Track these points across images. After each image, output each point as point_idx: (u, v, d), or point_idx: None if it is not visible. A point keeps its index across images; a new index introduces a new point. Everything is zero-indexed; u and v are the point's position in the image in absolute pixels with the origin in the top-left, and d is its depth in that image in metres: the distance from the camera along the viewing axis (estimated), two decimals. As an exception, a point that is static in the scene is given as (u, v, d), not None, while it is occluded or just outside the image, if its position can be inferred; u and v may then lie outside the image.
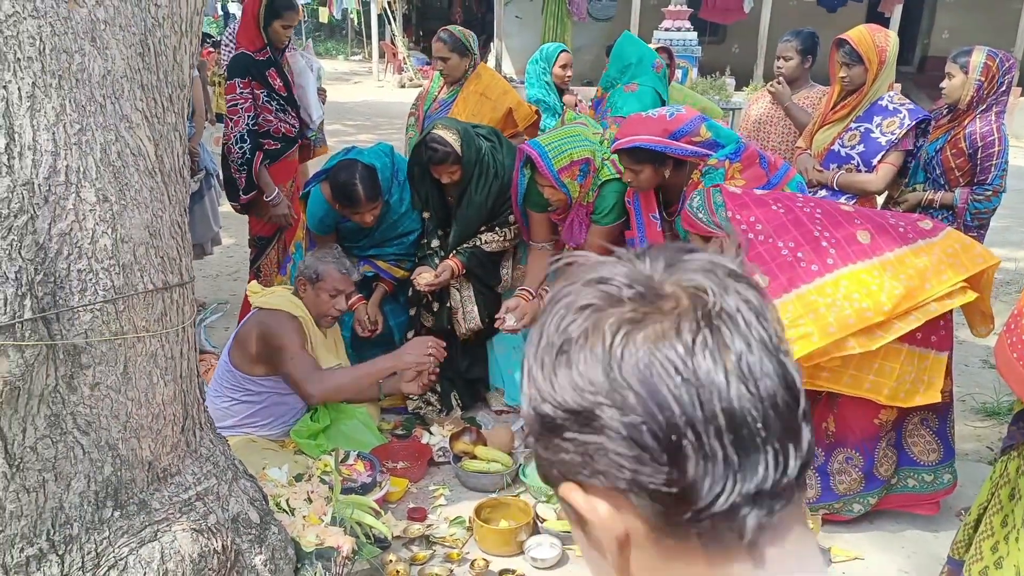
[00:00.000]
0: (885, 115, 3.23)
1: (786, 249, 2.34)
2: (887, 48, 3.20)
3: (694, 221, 2.50)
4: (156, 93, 1.75)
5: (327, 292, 2.79)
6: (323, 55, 23.68)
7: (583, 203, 3.09)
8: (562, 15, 14.48)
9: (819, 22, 12.17)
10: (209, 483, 1.86)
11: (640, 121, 2.70)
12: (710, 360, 0.50)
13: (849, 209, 2.53)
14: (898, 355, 2.35)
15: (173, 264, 1.76)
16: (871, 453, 2.56)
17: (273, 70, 3.63)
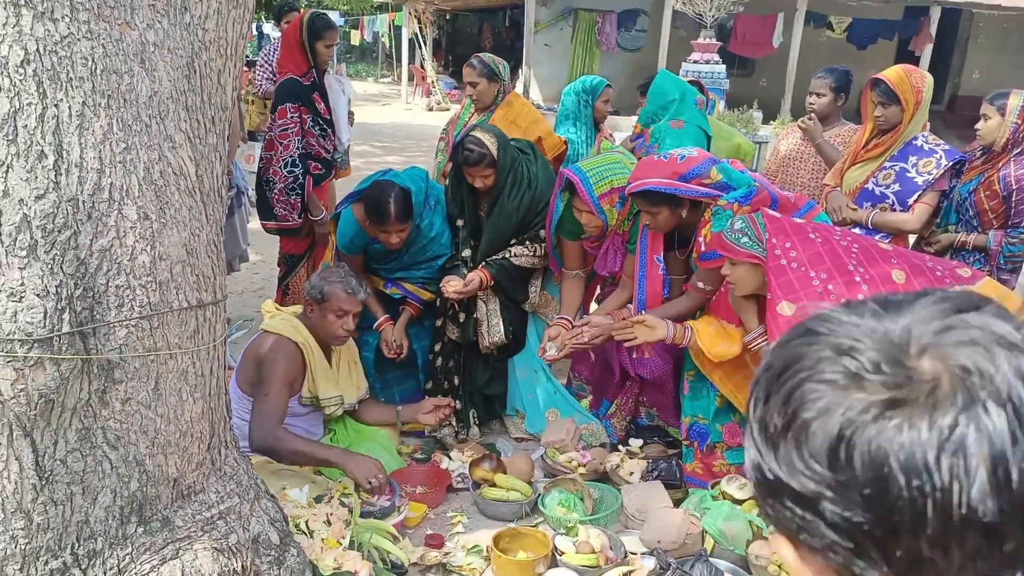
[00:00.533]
0: (921, 155, 3.21)
1: (817, 280, 2.33)
2: (923, 89, 3.20)
3: (730, 245, 2.48)
4: (199, 114, 1.79)
5: (333, 313, 2.74)
6: (353, 77, 24.07)
7: (619, 231, 3.10)
8: (591, 44, 14.64)
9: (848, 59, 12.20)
10: (232, 502, 1.86)
11: (652, 164, 2.75)
12: (961, 463, 0.42)
13: (887, 248, 2.51)
14: None
15: (207, 282, 1.78)
16: None
17: (317, 94, 3.75)
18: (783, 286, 2.36)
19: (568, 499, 2.75)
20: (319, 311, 2.75)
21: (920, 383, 0.44)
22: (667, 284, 2.99)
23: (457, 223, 3.27)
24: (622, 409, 3.39)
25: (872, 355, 0.46)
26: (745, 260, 2.48)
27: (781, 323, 2.32)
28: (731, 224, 2.53)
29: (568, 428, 3.17)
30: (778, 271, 2.38)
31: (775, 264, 2.38)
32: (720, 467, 2.98)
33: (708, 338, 2.75)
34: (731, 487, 2.76)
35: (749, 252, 2.45)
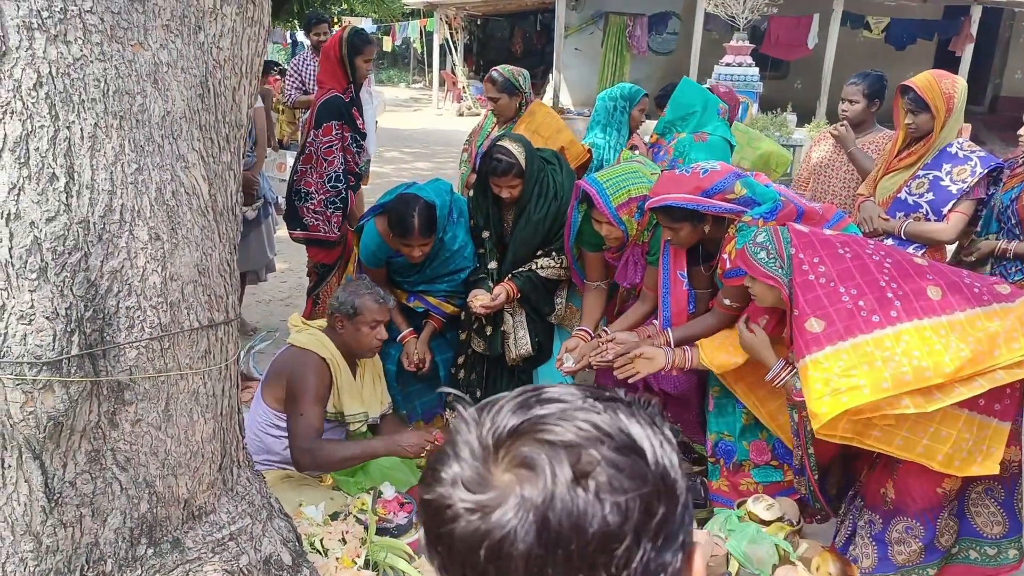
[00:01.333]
0: (955, 162, 3.11)
1: (847, 296, 2.24)
2: (955, 95, 3.09)
3: (751, 261, 2.42)
4: (213, 133, 1.78)
5: (367, 325, 2.73)
6: (385, 82, 24.27)
7: (638, 242, 3.04)
8: (622, 49, 14.54)
9: (886, 60, 11.94)
10: (243, 522, 1.85)
11: (673, 179, 2.69)
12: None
13: (922, 262, 2.41)
14: (956, 421, 2.21)
15: (220, 302, 1.77)
16: (933, 524, 2.41)
17: (356, 109, 3.80)
18: (811, 302, 2.27)
19: (589, 518, 2.70)
20: (351, 325, 2.73)
21: (493, 487, 0.59)
22: (692, 299, 2.92)
23: (483, 235, 3.24)
24: (646, 424, 3.32)
25: (466, 469, 0.61)
26: (760, 280, 2.41)
27: (809, 340, 2.24)
28: (754, 236, 2.46)
29: (590, 444, 3.11)
30: (806, 287, 2.30)
31: (803, 279, 2.30)
32: (747, 486, 2.90)
33: (710, 350, 2.69)
34: (758, 507, 2.68)
35: (765, 272, 2.38)
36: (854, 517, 2.58)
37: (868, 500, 2.51)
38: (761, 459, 2.87)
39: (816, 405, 2.17)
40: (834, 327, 2.21)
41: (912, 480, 2.38)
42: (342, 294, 2.80)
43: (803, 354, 2.23)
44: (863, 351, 2.16)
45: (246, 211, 4.20)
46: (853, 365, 2.15)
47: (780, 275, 2.35)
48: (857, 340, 2.18)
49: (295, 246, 4.29)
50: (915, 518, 2.41)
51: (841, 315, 2.22)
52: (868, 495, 2.52)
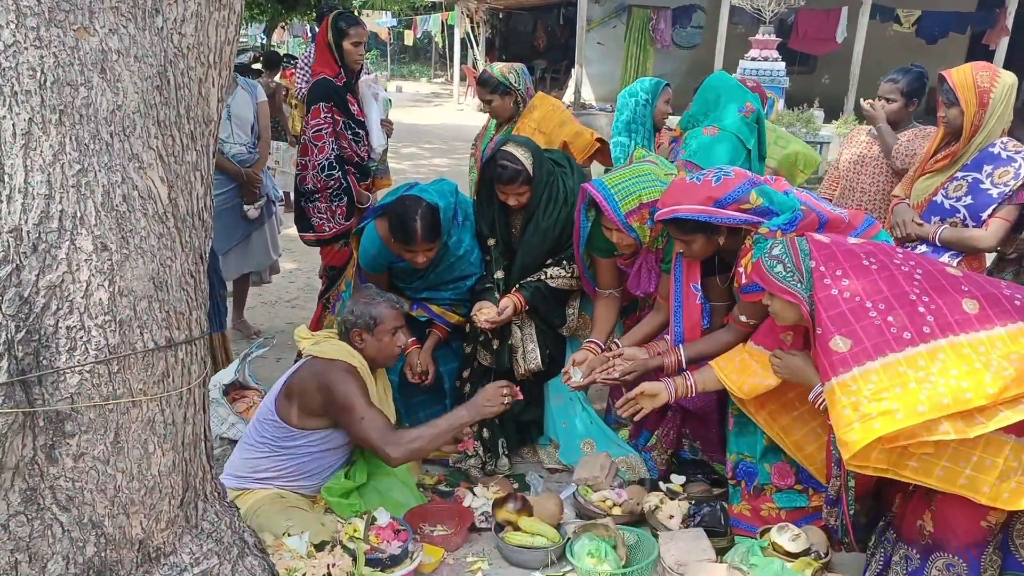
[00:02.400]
0: (997, 164, 2.85)
1: (875, 311, 2.04)
2: (991, 90, 2.83)
3: (768, 276, 2.22)
4: (175, 129, 1.59)
5: (388, 333, 2.64)
6: (407, 77, 24.18)
7: (652, 249, 2.82)
8: (645, 43, 14.27)
9: (917, 54, 11.54)
10: (209, 563, 1.67)
11: (683, 188, 2.50)
12: None
13: (956, 273, 2.18)
14: (1002, 448, 1.98)
15: (181, 319, 1.59)
16: (977, 561, 2.17)
17: (351, 95, 3.62)
18: (835, 320, 2.06)
19: (599, 547, 2.49)
20: (373, 337, 2.62)
21: None
22: (707, 313, 2.70)
23: (488, 243, 3.03)
24: (663, 441, 3.10)
25: None
26: (779, 296, 2.21)
27: (836, 361, 2.03)
28: (769, 249, 2.25)
29: (603, 464, 2.90)
30: (829, 303, 2.09)
31: (825, 295, 2.10)
32: (768, 511, 2.68)
33: (736, 374, 2.47)
34: (782, 538, 2.46)
35: (783, 287, 2.18)
36: (887, 551, 2.35)
37: (904, 533, 2.28)
38: (784, 483, 2.65)
39: (846, 433, 1.97)
40: (862, 346, 2.01)
41: (953, 512, 2.15)
42: (356, 307, 2.65)
43: (829, 376, 2.04)
44: (895, 371, 1.96)
45: (248, 210, 4.05)
46: (884, 387, 1.95)
47: (799, 290, 2.16)
48: (888, 359, 1.98)
49: (304, 246, 4.11)
50: (956, 554, 2.17)
51: (869, 332, 2.02)
52: (904, 527, 2.29)
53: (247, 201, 4.01)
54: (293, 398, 2.51)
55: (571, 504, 2.86)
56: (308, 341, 2.67)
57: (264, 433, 2.57)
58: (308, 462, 2.59)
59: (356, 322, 2.61)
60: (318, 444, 2.57)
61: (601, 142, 3.76)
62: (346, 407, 2.43)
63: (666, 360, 2.73)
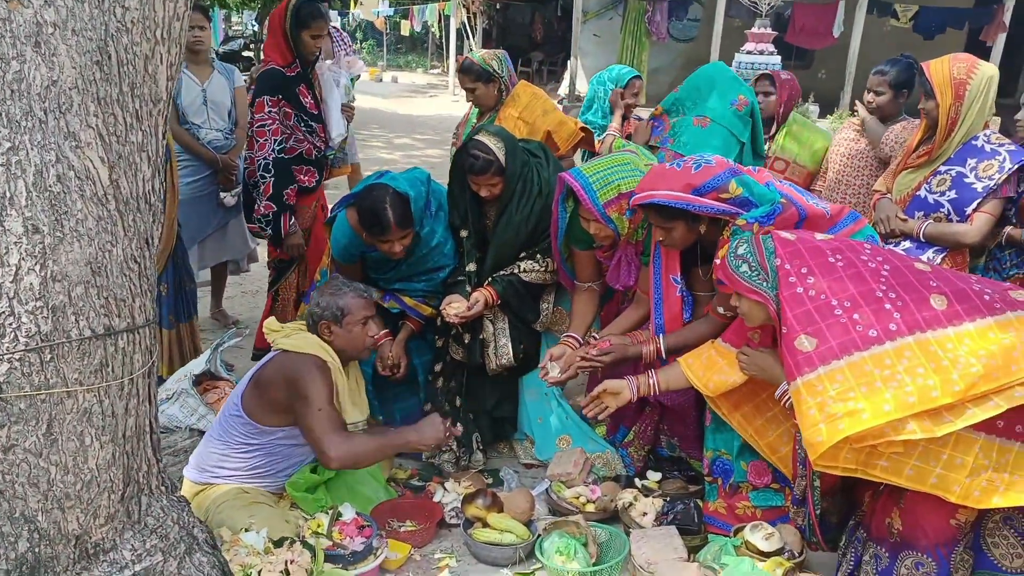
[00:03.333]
0: (981, 157, 2.80)
1: (840, 309, 2.00)
2: (968, 82, 2.76)
3: (733, 276, 2.18)
4: (117, 108, 1.52)
5: (357, 324, 2.55)
6: (403, 67, 24.00)
7: (631, 241, 2.76)
8: (640, 35, 14.14)
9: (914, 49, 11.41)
10: (153, 560, 1.61)
11: (662, 174, 2.46)
12: None
13: (925, 268, 2.14)
14: (972, 446, 1.95)
15: (122, 306, 1.52)
16: (947, 560, 2.13)
17: (304, 86, 3.44)
18: (800, 318, 2.03)
19: (569, 545, 2.44)
20: (342, 329, 2.53)
21: None
22: (690, 304, 2.65)
23: (461, 234, 2.96)
24: (640, 437, 3.05)
25: None
26: (745, 295, 2.17)
27: (801, 360, 1.99)
28: (735, 248, 2.21)
29: (576, 460, 2.85)
30: (794, 301, 2.05)
31: (790, 293, 2.06)
32: (744, 510, 2.63)
33: (702, 371, 2.43)
34: (755, 537, 2.41)
35: (749, 286, 2.14)
36: (857, 550, 2.31)
37: (873, 532, 2.25)
38: (760, 481, 2.61)
39: (811, 434, 1.93)
40: (827, 345, 1.97)
41: (922, 510, 2.11)
42: (322, 299, 2.56)
43: (794, 376, 2.00)
44: (861, 370, 1.93)
45: (225, 197, 3.95)
46: (850, 387, 1.91)
47: (765, 289, 2.12)
48: (853, 358, 1.94)
49: None
50: (926, 553, 2.13)
51: (834, 331, 1.98)
52: (873, 526, 2.25)
53: (224, 188, 3.90)
54: (260, 392, 2.44)
55: (544, 500, 2.81)
56: (278, 334, 2.60)
57: (229, 428, 2.50)
58: (273, 459, 2.52)
59: (323, 314, 2.53)
60: (283, 441, 2.50)
61: (585, 130, 3.69)
62: (305, 397, 2.36)
63: (644, 348, 2.68)
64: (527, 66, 19.27)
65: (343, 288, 2.59)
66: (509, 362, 2.97)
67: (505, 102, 3.56)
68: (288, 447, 2.52)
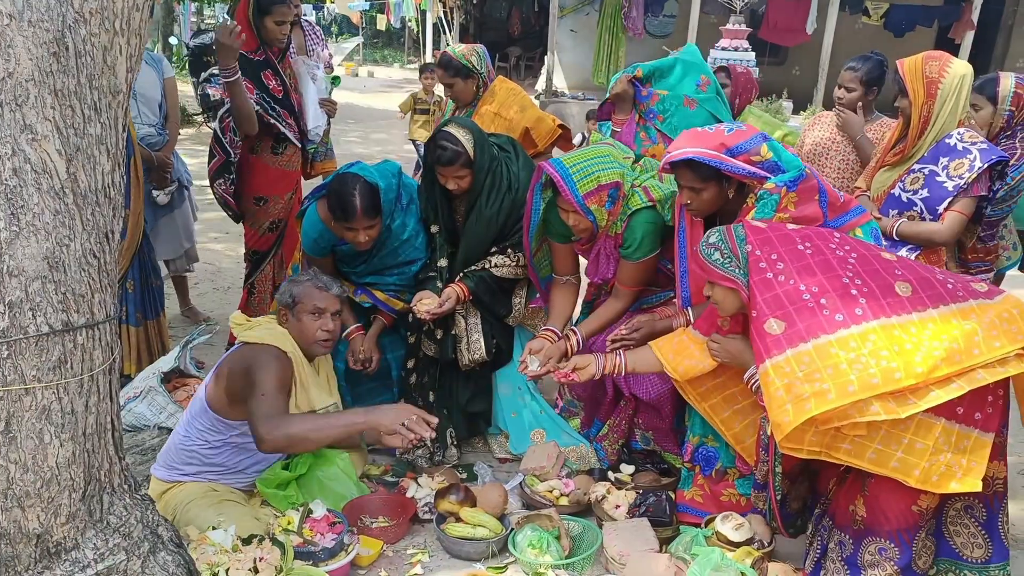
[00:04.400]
0: (953, 155, 2.82)
1: (808, 293, 2.05)
2: (940, 80, 2.80)
3: (706, 264, 2.21)
4: (75, 100, 1.50)
5: (308, 313, 2.51)
6: (379, 62, 23.84)
7: (610, 234, 2.76)
8: (617, 30, 14.17)
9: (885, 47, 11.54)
10: (116, 559, 1.58)
11: (695, 135, 2.43)
12: None
13: (890, 257, 2.19)
14: (932, 430, 1.99)
15: (81, 302, 1.50)
16: (909, 545, 2.17)
17: (269, 72, 3.39)
18: (769, 302, 2.07)
19: (541, 538, 2.44)
20: (293, 316, 2.52)
21: None
22: None
23: (431, 229, 2.95)
24: (615, 431, 3.06)
25: None
26: (718, 282, 2.20)
27: (769, 343, 2.03)
28: (707, 236, 2.24)
29: (550, 453, 2.86)
30: (763, 286, 2.09)
31: (760, 278, 2.10)
32: (729, 496, 2.65)
33: (672, 354, 2.46)
34: (726, 527, 2.43)
35: (722, 273, 2.17)
36: (823, 538, 2.35)
37: (838, 519, 2.29)
38: (747, 468, 2.61)
39: (778, 414, 1.97)
40: (795, 328, 2.02)
41: (885, 496, 2.15)
42: (284, 284, 2.60)
43: (763, 358, 2.04)
44: (827, 352, 1.97)
45: (158, 195, 3.82)
46: (816, 369, 1.95)
47: (738, 275, 2.15)
48: (820, 341, 1.99)
49: None
50: (889, 538, 2.17)
51: (802, 315, 2.02)
52: (837, 513, 2.29)
53: (156, 186, 3.78)
54: (221, 384, 2.41)
55: (517, 494, 2.81)
56: (242, 327, 2.57)
57: (195, 424, 2.47)
58: (241, 455, 2.50)
59: (280, 298, 2.55)
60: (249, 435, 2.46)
61: (563, 128, 3.69)
62: (253, 384, 2.30)
63: (675, 322, 2.69)
64: (504, 61, 19.23)
65: (303, 278, 2.60)
66: (482, 357, 2.96)
67: (483, 97, 3.55)
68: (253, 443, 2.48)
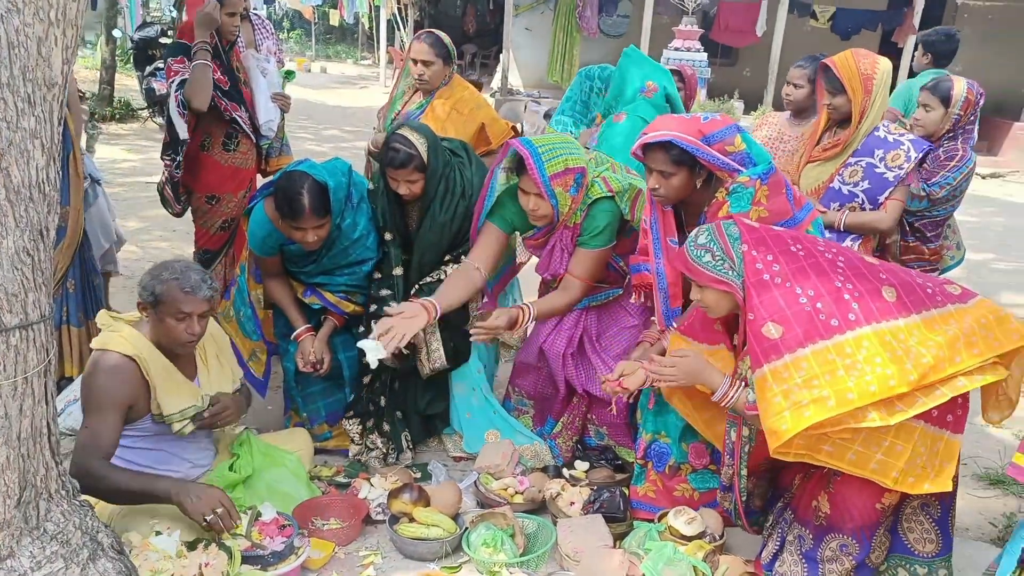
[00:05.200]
0: (887, 148, 2.95)
1: (804, 297, 2.02)
2: (874, 76, 2.93)
3: (696, 267, 2.15)
4: (8, 92, 1.44)
5: (171, 317, 2.25)
6: (332, 58, 23.55)
7: (569, 225, 2.76)
8: (572, 29, 14.26)
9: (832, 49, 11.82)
10: (54, 567, 1.53)
11: (672, 120, 2.41)
12: None
13: (874, 262, 2.20)
14: (912, 433, 2.01)
15: (14, 301, 1.44)
16: (869, 541, 2.21)
17: (216, 64, 3.33)
18: (767, 304, 2.03)
19: (496, 537, 2.44)
20: (155, 316, 2.28)
21: None
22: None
23: (385, 237, 2.91)
24: (568, 428, 3.07)
25: None
26: (711, 286, 2.14)
27: (768, 348, 1.99)
28: (695, 237, 2.18)
29: (504, 451, 2.85)
30: (761, 287, 2.05)
31: (757, 279, 2.06)
32: (683, 492, 2.67)
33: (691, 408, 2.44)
34: (678, 522, 2.46)
35: (715, 276, 2.11)
36: (783, 531, 2.38)
37: (800, 514, 2.31)
38: (700, 463, 2.64)
39: (775, 421, 1.94)
40: (792, 332, 1.99)
41: (850, 493, 2.16)
42: (145, 277, 2.29)
43: (761, 363, 1.99)
44: (824, 358, 1.95)
45: None
46: (815, 375, 1.93)
47: (732, 278, 2.10)
48: (817, 346, 1.96)
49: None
50: (851, 535, 2.20)
51: (800, 319, 1.99)
52: (800, 508, 2.31)
53: None
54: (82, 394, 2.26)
55: (472, 493, 2.80)
56: (106, 327, 2.36)
57: None
58: (160, 454, 2.38)
59: (140, 294, 2.29)
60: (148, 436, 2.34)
61: (516, 131, 3.69)
62: (88, 406, 2.18)
63: (664, 342, 2.58)
64: (460, 59, 19.17)
65: (166, 273, 2.28)
66: (442, 365, 2.93)
67: (439, 92, 3.51)
68: (169, 441, 2.37)
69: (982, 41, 13.89)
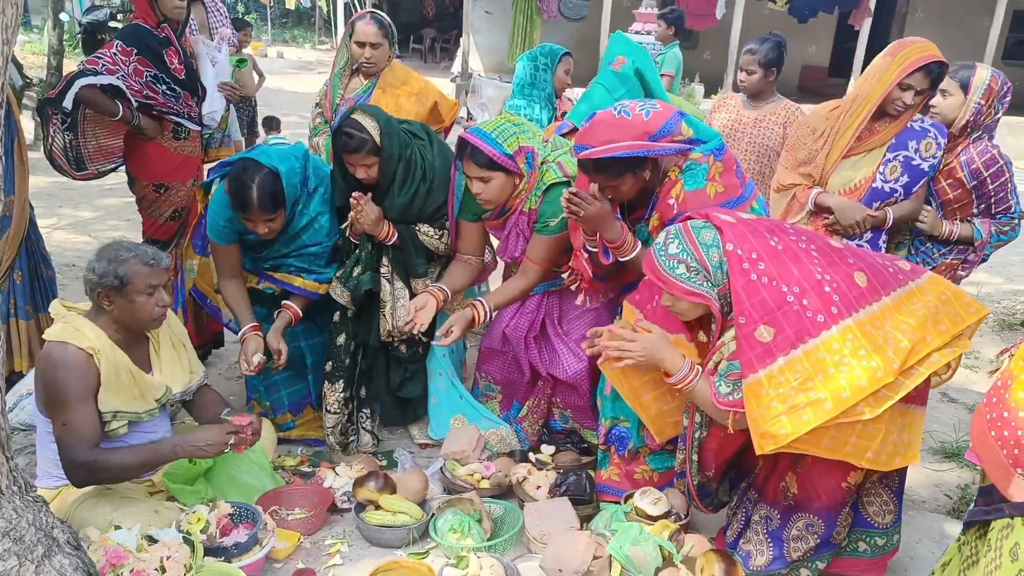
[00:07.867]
0: (918, 137, 2.82)
1: (791, 295, 1.96)
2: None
3: (668, 279, 2.04)
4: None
5: (142, 293, 2.22)
6: (288, 43, 23.12)
7: (524, 210, 2.75)
8: (532, 13, 14.16)
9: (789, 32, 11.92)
10: (7, 564, 1.48)
11: (613, 124, 2.28)
12: None
13: (839, 245, 2.15)
14: (883, 413, 1.99)
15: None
16: (835, 520, 2.24)
17: (171, 50, 3.24)
18: (758, 306, 1.95)
19: (463, 522, 2.43)
20: (122, 299, 2.22)
21: None
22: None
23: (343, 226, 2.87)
24: (534, 412, 3.07)
25: None
26: (685, 299, 2.05)
27: (761, 352, 1.94)
28: (663, 244, 2.08)
29: (470, 437, 2.85)
30: (750, 289, 1.96)
31: (745, 281, 1.97)
32: (642, 474, 2.69)
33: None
34: (644, 502, 2.49)
35: (689, 288, 2.02)
36: (747, 511, 2.40)
37: (767, 495, 2.32)
38: (656, 445, 2.66)
39: (773, 426, 1.91)
40: (784, 334, 1.94)
41: (819, 474, 2.17)
42: (99, 264, 2.21)
43: (756, 368, 1.94)
44: (816, 358, 1.92)
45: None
46: (809, 376, 1.91)
47: (706, 289, 2.02)
48: (808, 346, 1.93)
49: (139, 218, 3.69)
50: (817, 515, 2.23)
51: (789, 319, 1.94)
52: (767, 489, 2.32)
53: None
54: (37, 388, 2.21)
55: (438, 479, 2.80)
56: (59, 318, 2.29)
57: (46, 429, 2.26)
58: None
59: (100, 282, 2.20)
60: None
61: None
62: (54, 403, 2.14)
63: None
64: (419, 43, 18.95)
65: (123, 253, 2.23)
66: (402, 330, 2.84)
67: (383, 76, 3.46)
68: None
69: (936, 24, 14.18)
